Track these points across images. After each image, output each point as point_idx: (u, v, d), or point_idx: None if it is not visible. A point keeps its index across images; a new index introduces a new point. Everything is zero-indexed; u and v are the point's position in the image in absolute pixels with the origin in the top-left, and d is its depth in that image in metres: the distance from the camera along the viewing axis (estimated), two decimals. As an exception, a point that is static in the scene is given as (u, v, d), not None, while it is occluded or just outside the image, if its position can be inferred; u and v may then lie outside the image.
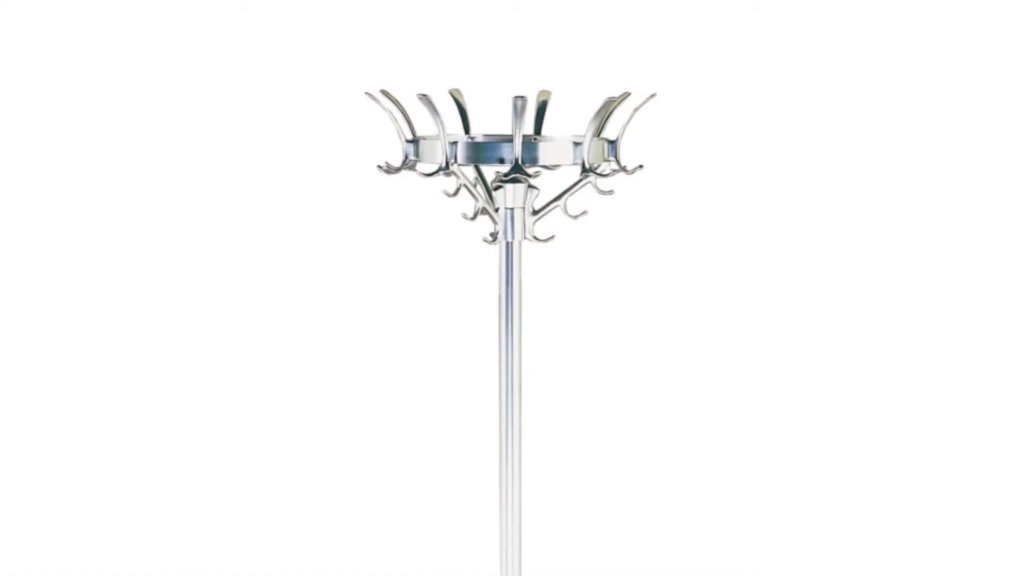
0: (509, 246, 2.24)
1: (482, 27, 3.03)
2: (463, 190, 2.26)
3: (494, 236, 2.24)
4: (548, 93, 2.19)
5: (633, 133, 2.27)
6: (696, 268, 3.10)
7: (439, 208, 2.36)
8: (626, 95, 2.18)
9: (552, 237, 2.25)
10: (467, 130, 2.30)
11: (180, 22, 3.09)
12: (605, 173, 2.21)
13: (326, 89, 2.97)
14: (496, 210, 2.23)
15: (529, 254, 2.31)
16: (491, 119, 2.31)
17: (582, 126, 2.19)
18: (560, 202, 2.24)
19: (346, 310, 3.10)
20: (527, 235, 2.24)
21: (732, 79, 3.05)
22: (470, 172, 2.25)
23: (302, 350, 3.12)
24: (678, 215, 3.06)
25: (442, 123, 2.16)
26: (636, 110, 2.20)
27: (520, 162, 2.15)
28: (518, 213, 2.22)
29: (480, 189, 2.25)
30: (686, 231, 3.09)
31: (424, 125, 2.22)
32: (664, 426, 3.11)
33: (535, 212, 2.23)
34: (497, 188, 2.22)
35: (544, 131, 2.24)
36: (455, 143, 2.18)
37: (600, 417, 3.11)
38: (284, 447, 3.11)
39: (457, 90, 2.28)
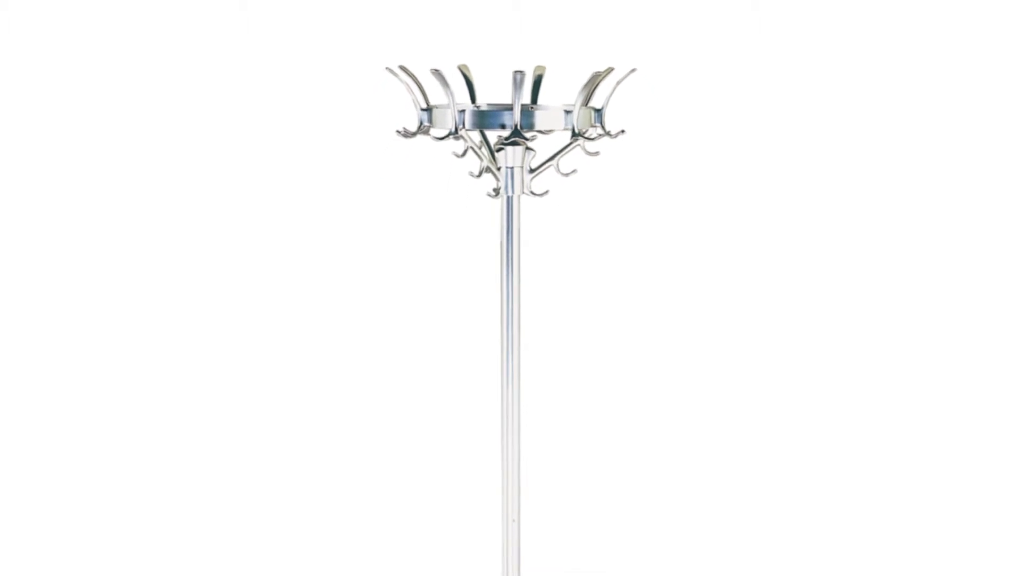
0: (509, 200, 2.33)
1: (486, 10, 3.08)
2: (470, 152, 2.37)
3: (496, 191, 2.32)
4: (543, 68, 2.27)
5: (617, 103, 2.34)
6: (673, 219, 3.13)
7: (449, 167, 2.45)
8: (610, 70, 2.26)
9: (547, 192, 2.33)
10: (473, 100, 2.40)
11: (205, 15, 3.12)
12: (592, 137, 2.30)
13: (355, 68, 2.99)
14: (498, 169, 2.32)
15: (527, 207, 2.38)
16: (494, 90, 2.39)
17: (572, 97, 2.28)
18: (553, 162, 2.33)
19: (365, 257, 3.13)
20: (525, 190, 2.31)
21: (709, 59, 3.08)
22: (476, 136, 2.35)
23: (323, 297, 3.15)
24: (657, 174, 3.09)
25: (452, 94, 2.25)
26: (619, 82, 2.29)
27: (519, 127, 2.24)
28: (517, 171, 2.30)
29: (484, 151, 2.34)
30: (663, 188, 3.11)
31: (436, 96, 2.30)
32: (642, 364, 3.15)
33: (532, 170, 2.32)
34: (499, 150, 2.30)
35: (540, 101, 2.33)
36: (463, 111, 2.26)
37: (585, 345, 3.14)
38: (286, 399, 3.14)
39: (465, 66, 2.40)
